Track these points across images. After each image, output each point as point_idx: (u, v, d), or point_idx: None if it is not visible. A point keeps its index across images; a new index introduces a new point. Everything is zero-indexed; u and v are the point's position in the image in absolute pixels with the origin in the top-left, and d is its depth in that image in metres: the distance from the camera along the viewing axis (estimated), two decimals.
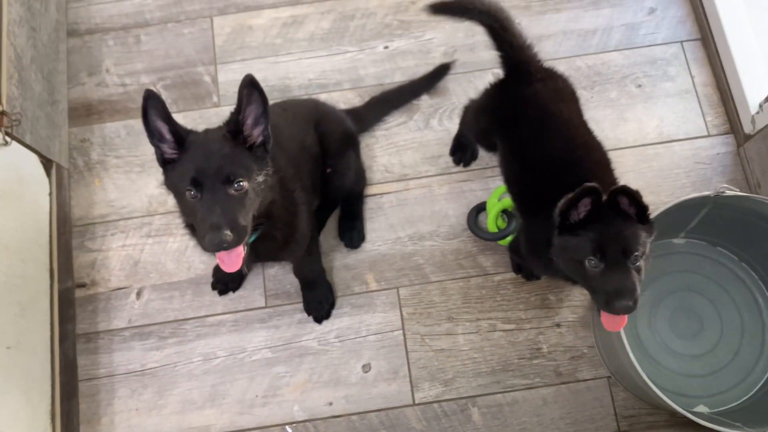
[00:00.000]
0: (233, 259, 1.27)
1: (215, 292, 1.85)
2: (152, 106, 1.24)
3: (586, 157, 1.44)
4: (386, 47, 2.08)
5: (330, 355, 1.81)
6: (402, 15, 2.11)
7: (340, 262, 1.88)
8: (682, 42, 2.07)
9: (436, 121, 2.00)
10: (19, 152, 1.71)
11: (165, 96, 2.02)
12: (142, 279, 1.88)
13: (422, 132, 1.99)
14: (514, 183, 1.57)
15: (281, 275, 1.87)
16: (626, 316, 1.30)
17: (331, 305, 1.84)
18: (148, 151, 1.98)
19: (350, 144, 1.82)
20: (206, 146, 1.26)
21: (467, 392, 1.77)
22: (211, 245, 1.20)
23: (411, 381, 1.78)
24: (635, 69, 2.04)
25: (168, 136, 1.27)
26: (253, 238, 1.38)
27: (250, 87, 1.26)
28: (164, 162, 1.30)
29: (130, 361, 1.81)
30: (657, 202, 1.91)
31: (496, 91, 1.62)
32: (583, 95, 1.99)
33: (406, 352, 1.80)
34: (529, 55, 1.57)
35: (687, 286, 1.78)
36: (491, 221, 1.84)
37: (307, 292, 1.83)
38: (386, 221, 1.92)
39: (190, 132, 1.29)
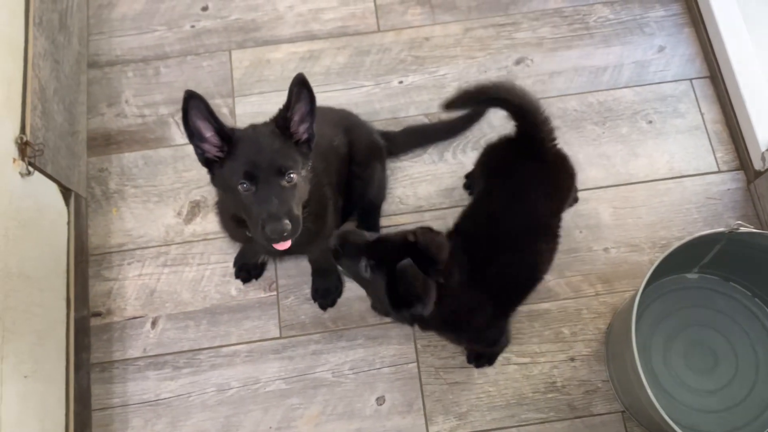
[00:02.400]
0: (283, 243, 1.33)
1: (230, 322, 1.86)
2: (193, 107, 1.27)
3: (527, 255, 1.52)
4: (401, 82, 2.12)
5: (344, 387, 1.81)
6: (416, 51, 2.15)
7: (355, 294, 1.89)
8: (691, 80, 2.11)
9: (450, 155, 2.03)
10: (41, 182, 1.73)
11: (183, 127, 2.05)
12: (157, 308, 1.88)
13: (436, 165, 2.02)
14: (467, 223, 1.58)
15: (296, 306, 1.88)
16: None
17: (338, 295, 1.87)
18: (166, 181, 2.00)
19: (376, 155, 1.86)
20: (257, 141, 1.31)
21: (482, 426, 1.76)
22: (273, 234, 1.25)
23: (425, 414, 1.78)
24: (646, 105, 2.08)
25: (210, 135, 1.31)
26: None
27: (300, 85, 1.31)
28: (207, 162, 1.34)
29: (145, 391, 1.81)
30: (669, 237, 1.93)
31: (506, 144, 1.64)
32: (595, 131, 2.04)
33: (421, 384, 1.80)
34: (545, 131, 1.56)
35: (701, 321, 1.79)
36: None
37: (317, 279, 1.84)
38: None
39: (234, 129, 1.33)
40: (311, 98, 1.34)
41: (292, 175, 1.30)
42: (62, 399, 1.69)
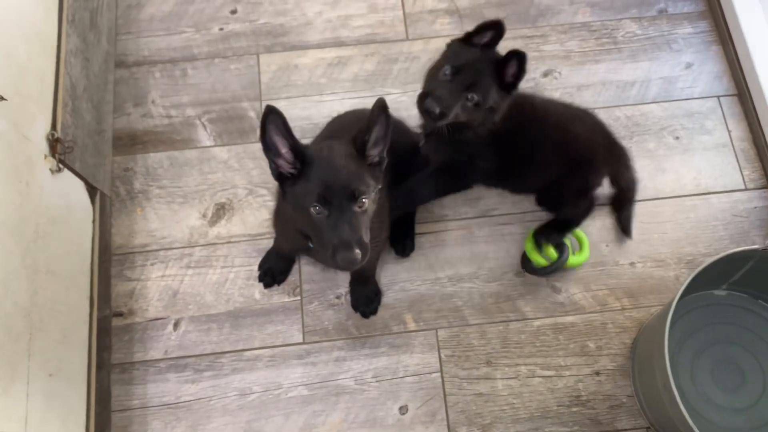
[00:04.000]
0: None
1: (253, 325, 1.85)
2: (272, 122, 1.27)
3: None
4: None
5: (367, 394, 1.79)
6: None
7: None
8: (718, 97, 2.11)
9: None
10: (69, 179, 1.73)
11: (210, 129, 2.05)
12: (180, 310, 1.87)
13: None
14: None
15: (320, 311, 1.86)
16: None
17: (379, 302, 1.86)
18: (191, 182, 2.00)
19: (416, 152, 1.86)
20: (332, 162, 1.30)
21: None
22: (344, 263, 1.27)
23: (448, 425, 1.76)
24: (673, 121, 2.08)
25: (286, 151, 1.30)
26: None
27: (380, 110, 1.31)
28: (280, 177, 1.34)
29: (165, 393, 1.79)
30: (695, 253, 1.93)
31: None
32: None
33: (444, 395, 1.79)
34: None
35: (729, 339, 1.77)
36: (535, 257, 1.84)
37: (357, 287, 1.84)
38: (425, 261, 1.92)
39: (308, 147, 1.33)
40: (388, 123, 1.34)
41: (364, 200, 1.30)
42: (84, 399, 1.67)
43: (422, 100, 1.58)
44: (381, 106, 1.31)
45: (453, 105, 1.56)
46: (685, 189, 2.00)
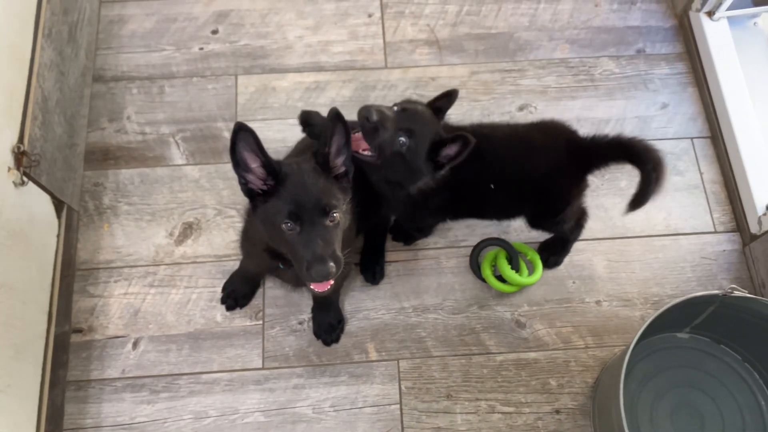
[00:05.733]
0: (324, 283, 1.35)
1: (213, 348, 1.83)
2: (241, 139, 1.27)
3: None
4: None
5: (324, 424, 1.76)
6: (422, 90, 2.16)
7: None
8: (692, 138, 2.12)
9: None
10: (34, 193, 1.71)
11: (183, 148, 2.05)
12: (140, 329, 1.85)
13: None
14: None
15: (281, 337, 1.85)
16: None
17: (342, 330, 1.85)
18: (161, 200, 1.99)
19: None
20: (302, 179, 1.31)
21: None
22: (318, 276, 1.27)
23: None
24: None
25: (256, 167, 1.30)
26: None
27: (335, 120, 1.32)
28: (251, 193, 1.34)
29: (119, 414, 1.76)
30: (661, 294, 1.92)
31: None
32: (594, 182, 2.04)
33: (402, 427, 1.76)
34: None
35: (689, 383, 1.76)
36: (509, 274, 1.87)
37: (320, 314, 1.82)
38: (392, 289, 1.91)
39: (282, 164, 1.33)
40: (346, 131, 1.35)
41: (335, 214, 1.30)
42: (34, 416, 1.64)
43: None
44: (335, 115, 1.32)
45: (388, 129, 1.48)
46: (654, 229, 2.00)
